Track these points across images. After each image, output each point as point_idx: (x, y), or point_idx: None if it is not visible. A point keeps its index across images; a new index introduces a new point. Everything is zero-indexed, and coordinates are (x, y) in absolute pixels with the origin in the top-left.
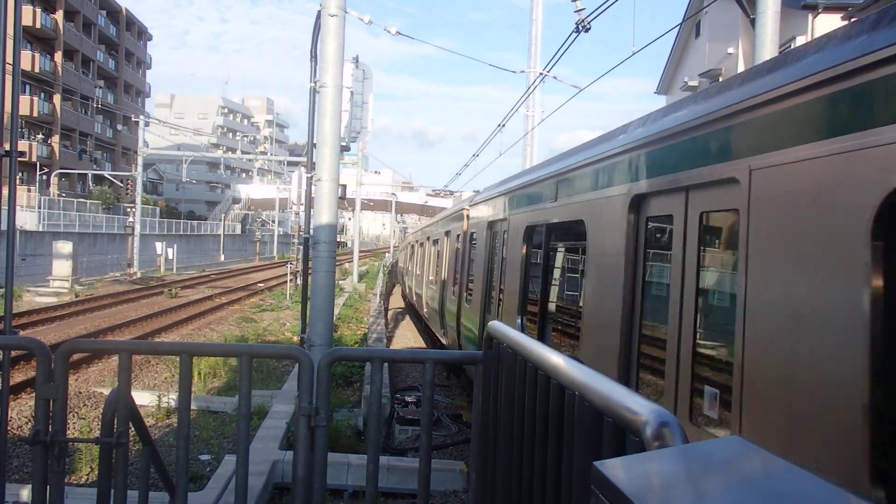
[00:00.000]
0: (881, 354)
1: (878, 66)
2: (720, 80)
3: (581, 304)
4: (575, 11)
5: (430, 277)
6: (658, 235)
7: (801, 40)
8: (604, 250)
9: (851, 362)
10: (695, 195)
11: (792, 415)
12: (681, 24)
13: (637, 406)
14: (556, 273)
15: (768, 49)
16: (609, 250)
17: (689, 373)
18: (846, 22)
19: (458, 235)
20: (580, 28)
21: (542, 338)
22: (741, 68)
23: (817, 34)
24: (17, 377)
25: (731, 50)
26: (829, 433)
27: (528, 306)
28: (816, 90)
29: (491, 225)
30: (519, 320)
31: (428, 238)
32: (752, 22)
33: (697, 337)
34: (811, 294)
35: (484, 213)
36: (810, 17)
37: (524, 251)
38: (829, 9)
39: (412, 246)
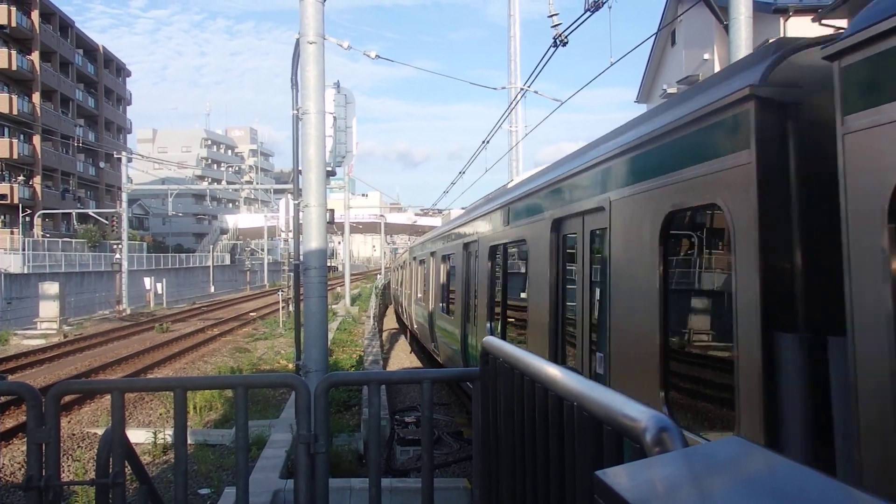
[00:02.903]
0: (664, 310)
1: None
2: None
3: (526, 303)
4: (552, 27)
5: (419, 295)
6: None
7: None
8: (537, 261)
9: (649, 316)
10: (587, 218)
11: (629, 353)
12: (656, 33)
13: (636, 413)
14: (510, 282)
15: (743, 53)
16: (539, 261)
17: (589, 341)
18: (817, 24)
19: (444, 256)
20: (558, 42)
21: (504, 335)
22: None
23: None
24: (8, 423)
25: (706, 56)
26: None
27: (495, 311)
28: (628, 153)
29: (466, 245)
30: (488, 325)
31: (415, 258)
32: (726, 28)
33: (592, 316)
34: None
35: (457, 235)
36: (782, 20)
37: (488, 267)
38: (800, 12)
39: (401, 267)
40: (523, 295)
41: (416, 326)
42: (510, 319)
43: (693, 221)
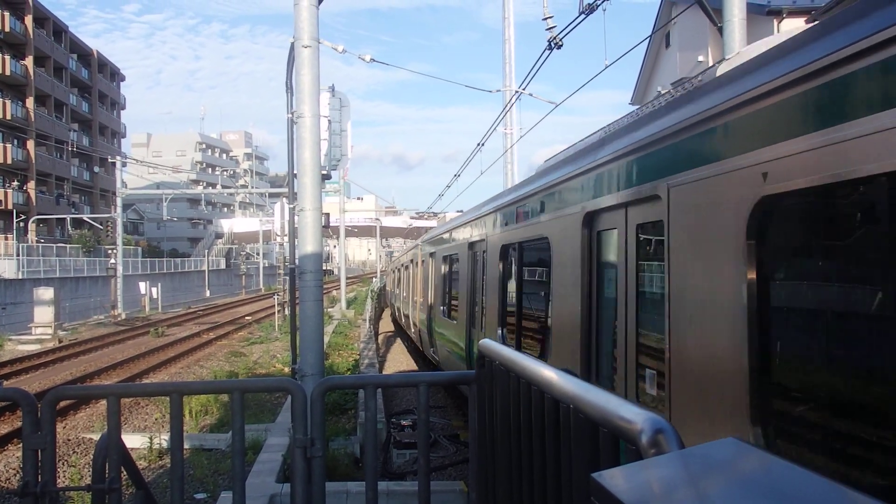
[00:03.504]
0: (757, 332)
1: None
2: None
3: (547, 310)
4: (546, 29)
5: (418, 298)
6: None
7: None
8: (562, 263)
9: (731, 328)
10: (632, 210)
11: (696, 374)
12: (651, 35)
13: (631, 415)
14: (525, 286)
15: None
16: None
17: (636, 360)
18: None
19: (445, 257)
20: (552, 45)
21: (518, 345)
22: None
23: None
24: (3, 429)
25: (701, 58)
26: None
27: (507, 318)
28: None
29: (471, 245)
30: (499, 332)
31: (412, 260)
32: (720, 30)
33: (640, 331)
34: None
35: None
36: (775, 22)
37: (499, 269)
38: (794, 13)
39: (398, 270)
40: (542, 301)
41: (413, 331)
42: (526, 328)
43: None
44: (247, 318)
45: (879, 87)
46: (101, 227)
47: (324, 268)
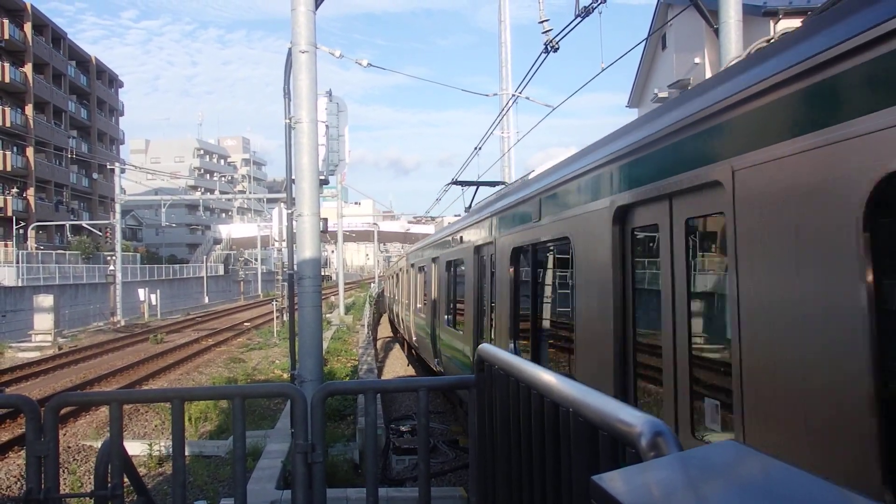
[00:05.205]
0: (877, 343)
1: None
2: (689, 88)
3: (569, 320)
4: (543, 32)
5: (419, 305)
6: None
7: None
8: (588, 266)
9: (844, 350)
10: (678, 202)
11: (785, 410)
12: (647, 37)
13: (631, 418)
14: (540, 292)
15: (733, 56)
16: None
17: (689, 381)
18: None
19: (448, 262)
20: (549, 48)
21: (536, 357)
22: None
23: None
24: (4, 436)
25: (697, 59)
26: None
27: (519, 328)
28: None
29: (477, 249)
30: (511, 344)
31: (412, 265)
32: (716, 31)
33: (692, 346)
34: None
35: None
36: (772, 23)
37: (510, 274)
38: (790, 14)
39: (396, 275)
40: (563, 309)
41: (415, 340)
42: (546, 339)
43: None
44: (245, 324)
45: None
46: (100, 233)
47: (322, 273)
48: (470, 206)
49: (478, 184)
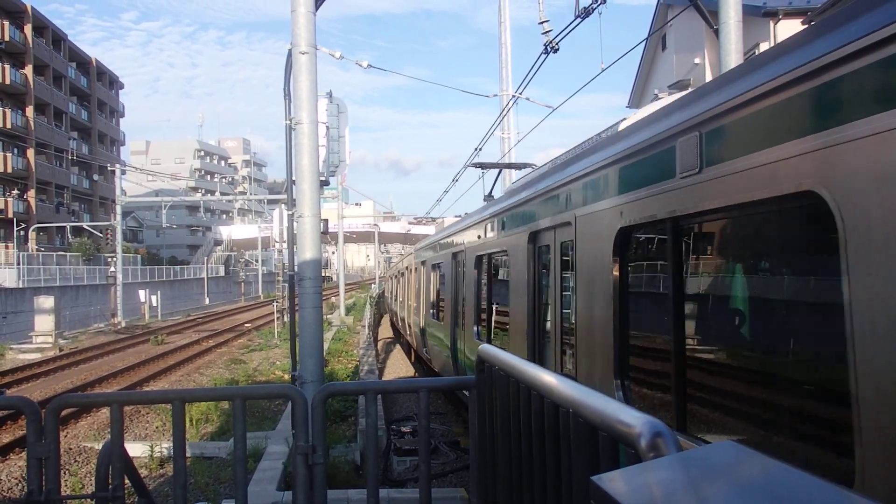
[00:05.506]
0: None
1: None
2: (689, 89)
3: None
4: (543, 33)
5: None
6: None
7: (764, 46)
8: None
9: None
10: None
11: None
12: (647, 38)
13: (630, 419)
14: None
15: (733, 57)
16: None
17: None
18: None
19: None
20: (549, 49)
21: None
22: (708, 77)
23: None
24: (4, 437)
25: (697, 60)
26: None
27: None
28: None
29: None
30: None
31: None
32: (716, 32)
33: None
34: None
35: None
36: (771, 23)
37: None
38: (790, 15)
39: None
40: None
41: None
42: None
43: None
44: (246, 325)
45: None
46: (100, 234)
47: (322, 274)
48: (490, 192)
49: (501, 166)
